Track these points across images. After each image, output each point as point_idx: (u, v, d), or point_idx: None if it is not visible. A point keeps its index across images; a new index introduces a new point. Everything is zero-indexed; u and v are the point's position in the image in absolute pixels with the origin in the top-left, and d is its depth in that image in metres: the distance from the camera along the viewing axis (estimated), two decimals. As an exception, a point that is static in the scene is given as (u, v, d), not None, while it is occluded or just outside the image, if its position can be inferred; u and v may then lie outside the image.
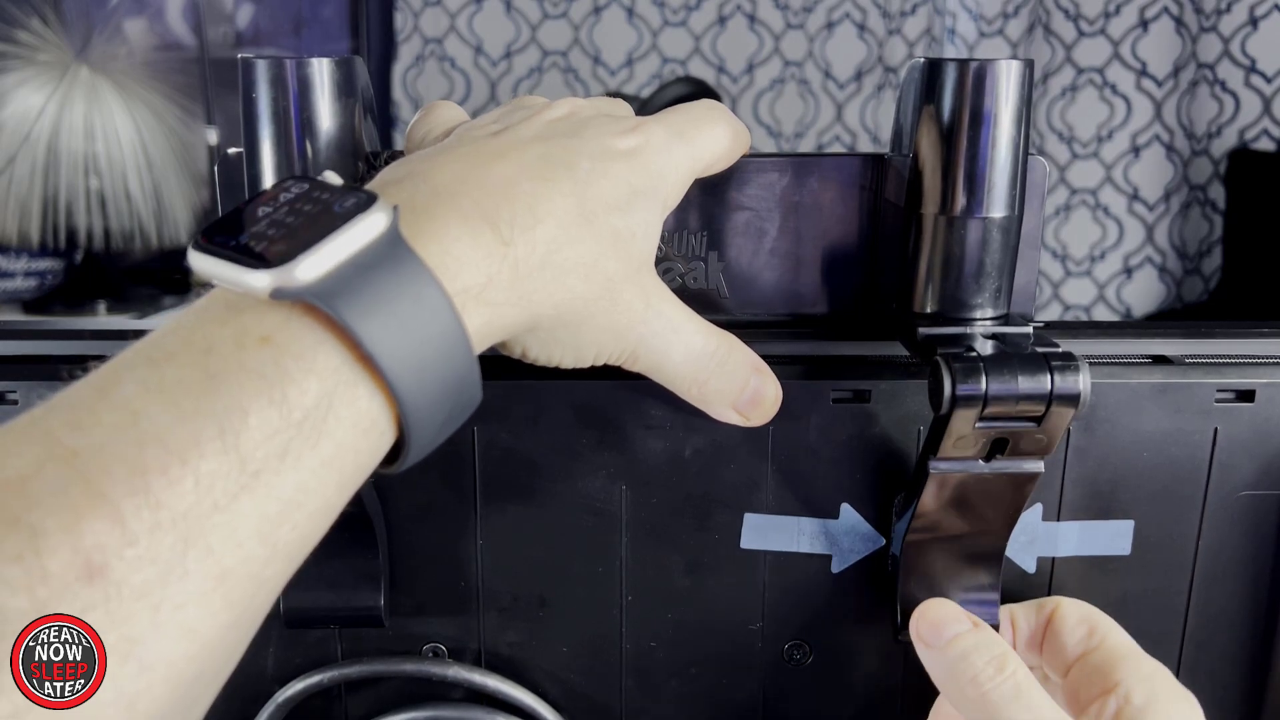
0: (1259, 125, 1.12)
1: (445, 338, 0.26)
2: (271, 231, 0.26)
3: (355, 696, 0.43)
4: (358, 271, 0.25)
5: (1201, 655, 0.42)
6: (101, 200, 1.14)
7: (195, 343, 0.24)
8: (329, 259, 0.25)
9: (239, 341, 0.24)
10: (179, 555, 0.22)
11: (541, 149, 0.31)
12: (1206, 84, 1.14)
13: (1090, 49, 1.17)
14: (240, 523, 0.23)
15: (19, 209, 1.11)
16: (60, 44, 1.13)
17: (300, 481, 0.24)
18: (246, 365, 0.24)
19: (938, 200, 0.36)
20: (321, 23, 1.30)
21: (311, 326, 0.25)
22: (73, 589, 0.21)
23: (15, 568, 0.20)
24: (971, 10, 1.18)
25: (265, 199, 0.27)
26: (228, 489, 0.23)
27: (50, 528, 0.21)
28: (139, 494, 0.22)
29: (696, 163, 0.35)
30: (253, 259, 0.25)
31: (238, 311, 0.25)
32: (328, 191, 0.27)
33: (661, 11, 1.29)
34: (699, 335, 0.35)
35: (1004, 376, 0.33)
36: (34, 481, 0.21)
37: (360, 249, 0.26)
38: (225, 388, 0.23)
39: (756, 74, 1.29)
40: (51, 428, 0.22)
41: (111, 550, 0.21)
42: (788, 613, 0.42)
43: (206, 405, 0.23)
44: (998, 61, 0.35)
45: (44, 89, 1.12)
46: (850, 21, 1.26)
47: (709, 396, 0.36)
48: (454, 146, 0.32)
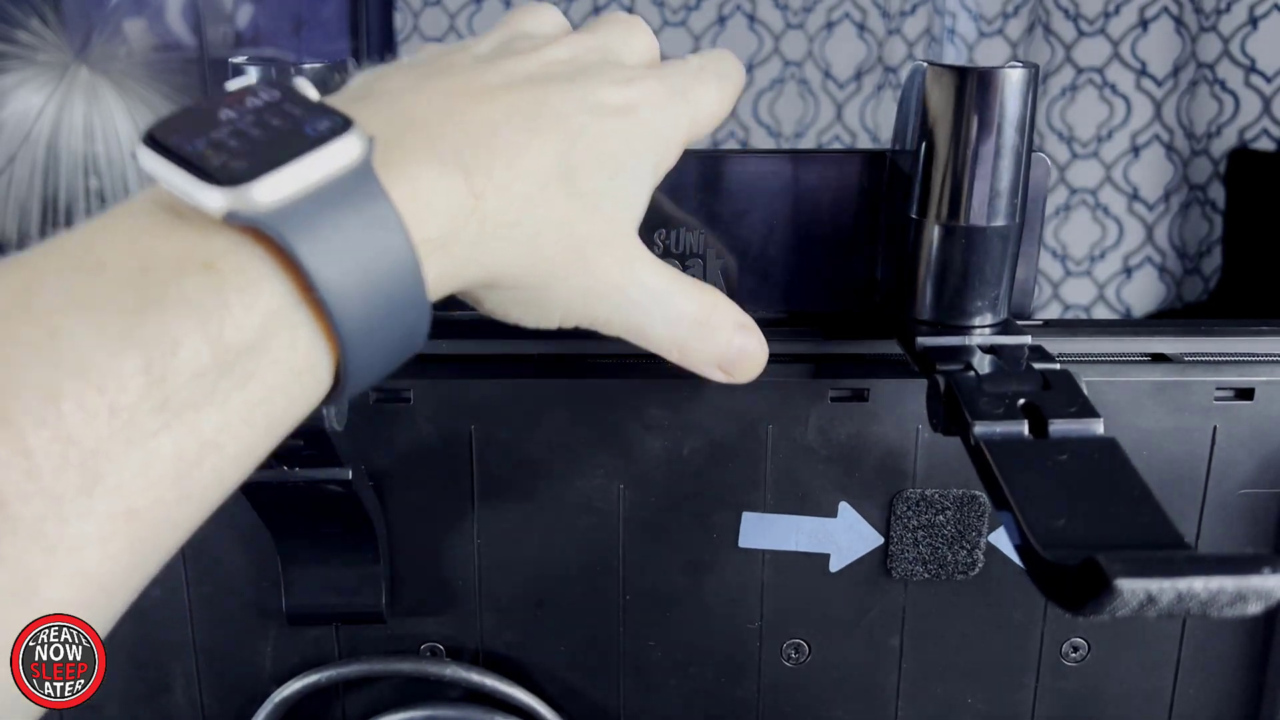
0: (1259, 125, 1.12)
1: (402, 288, 0.24)
2: (233, 143, 0.23)
3: (353, 696, 0.43)
4: (320, 203, 0.23)
5: (1200, 653, 0.42)
6: (101, 200, 1.14)
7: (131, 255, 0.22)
8: (291, 184, 0.23)
9: (179, 265, 0.22)
10: (84, 494, 0.20)
11: (532, 94, 0.29)
12: (1206, 84, 1.14)
13: (1090, 49, 1.17)
14: (155, 462, 0.21)
15: (19, 209, 1.11)
16: (60, 44, 1.13)
17: (224, 422, 0.22)
18: (185, 293, 0.22)
19: (938, 208, 0.36)
20: (321, 23, 1.30)
21: (260, 257, 0.23)
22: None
23: None
24: (971, 10, 1.18)
25: (230, 101, 0.25)
26: (146, 426, 0.21)
27: None
28: (48, 425, 0.20)
29: (695, 125, 0.33)
30: (209, 172, 0.22)
31: (182, 223, 0.23)
32: (300, 106, 0.24)
33: (661, 11, 1.29)
34: (681, 298, 0.33)
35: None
36: None
37: (327, 178, 0.23)
38: (157, 314, 0.21)
39: (756, 74, 1.29)
40: None
41: (12, 483, 0.20)
42: (786, 612, 0.42)
43: (135, 331, 0.21)
44: (1002, 69, 0.34)
45: (44, 89, 1.12)
46: (850, 21, 1.26)
47: (691, 359, 0.34)
48: (439, 72, 0.29)
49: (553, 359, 0.40)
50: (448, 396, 0.39)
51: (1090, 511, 0.28)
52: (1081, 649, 0.42)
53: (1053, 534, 0.27)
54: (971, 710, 0.43)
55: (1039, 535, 0.27)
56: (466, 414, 0.39)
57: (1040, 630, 0.42)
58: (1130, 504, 0.29)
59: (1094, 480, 0.29)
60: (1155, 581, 0.24)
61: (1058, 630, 0.42)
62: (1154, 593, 0.24)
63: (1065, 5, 1.17)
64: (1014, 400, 0.32)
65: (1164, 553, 0.26)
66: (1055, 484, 0.29)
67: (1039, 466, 0.30)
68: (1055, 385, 0.33)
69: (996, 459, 0.30)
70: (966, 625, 0.42)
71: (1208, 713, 0.43)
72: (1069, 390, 0.33)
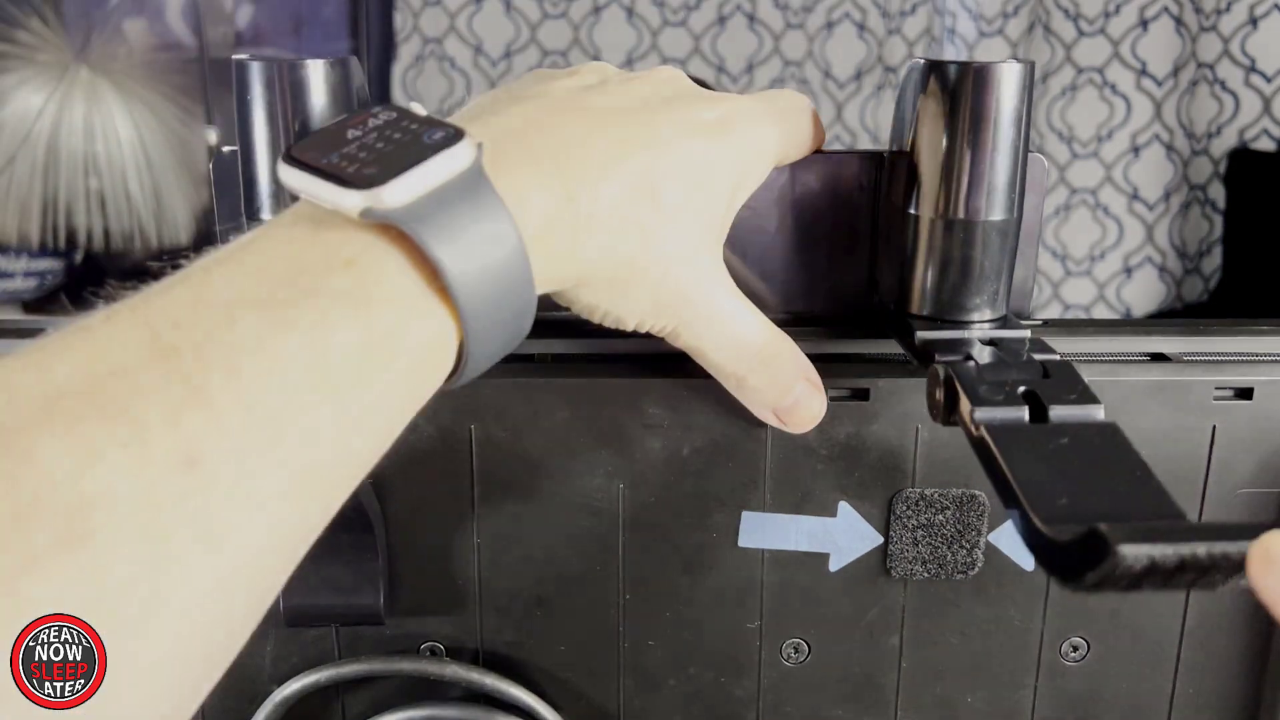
0: (1259, 125, 1.12)
1: (514, 275, 0.27)
2: (362, 155, 0.27)
3: (353, 695, 0.43)
4: (442, 201, 0.26)
5: (1200, 653, 0.42)
6: (101, 200, 1.14)
7: (285, 259, 0.26)
8: (417, 186, 0.26)
9: (327, 264, 0.25)
10: (266, 454, 0.23)
11: (626, 112, 0.31)
12: (1206, 84, 1.14)
13: (1090, 49, 1.17)
14: (322, 427, 0.24)
15: (19, 209, 1.11)
16: (60, 44, 1.13)
17: (375, 396, 0.26)
18: (334, 287, 0.25)
19: (936, 203, 0.36)
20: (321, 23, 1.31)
21: (393, 253, 0.26)
22: (171, 476, 0.22)
23: (122, 453, 0.22)
24: (971, 10, 1.18)
25: (354, 123, 0.28)
26: (312, 398, 0.24)
27: (153, 419, 0.22)
28: (234, 394, 0.23)
29: (784, 145, 0.35)
30: (344, 179, 0.26)
31: (325, 229, 0.26)
32: (416, 122, 0.28)
33: (661, 11, 1.29)
34: (750, 329, 0.34)
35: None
36: (138, 374, 0.23)
37: (446, 180, 0.27)
38: (314, 305, 0.25)
39: (756, 74, 1.29)
40: (151, 322, 0.24)
41: (208, 443, 0.22)
42: (785, 611, 0.42)
43: (297, 321, 0.24)
44: (999, 64, 0.35)
45: (44, 89, 1.12)
46: (850, 21, 1.26)
47: (748, 394, 0.35)
48: (539, 94, 0.32)
49: (553, 359, 0.40)
50: (448, 396, 0.39)
51: (1092, 490, 0.29)
52: (1081, 649, 0.42)
53: (1055, 511, 0.27)
54: (971, 710, 0.43)
55: (1041, 513, 0.27)
56: (466, 413, 0.39)
57: (1040, 630, 0.42)
58: (1132, 482, 0.29)
59: (1095, 461, 0.30)
60: (1158, 547, 0.24)
61: (1058, 630, 0.42)
62: (1156, 559, 0.24)
63: (1065, 5, 1.17)
64: (1014, 387, 0.32)
65: (1166, 521, 0.26)
66: (1057, 466, 0.29)
67: (1040, 450, 0.30)
68: (1055, 374, 0.33)
69: (998, 443, 0.30)
70: (966, 625, 0.42)
71: (1208, 713, 0.43)
72: (1069, 378, 0.33)
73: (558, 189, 0.29)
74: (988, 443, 0.30)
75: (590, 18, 1.29)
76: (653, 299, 0.32)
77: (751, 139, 0.34)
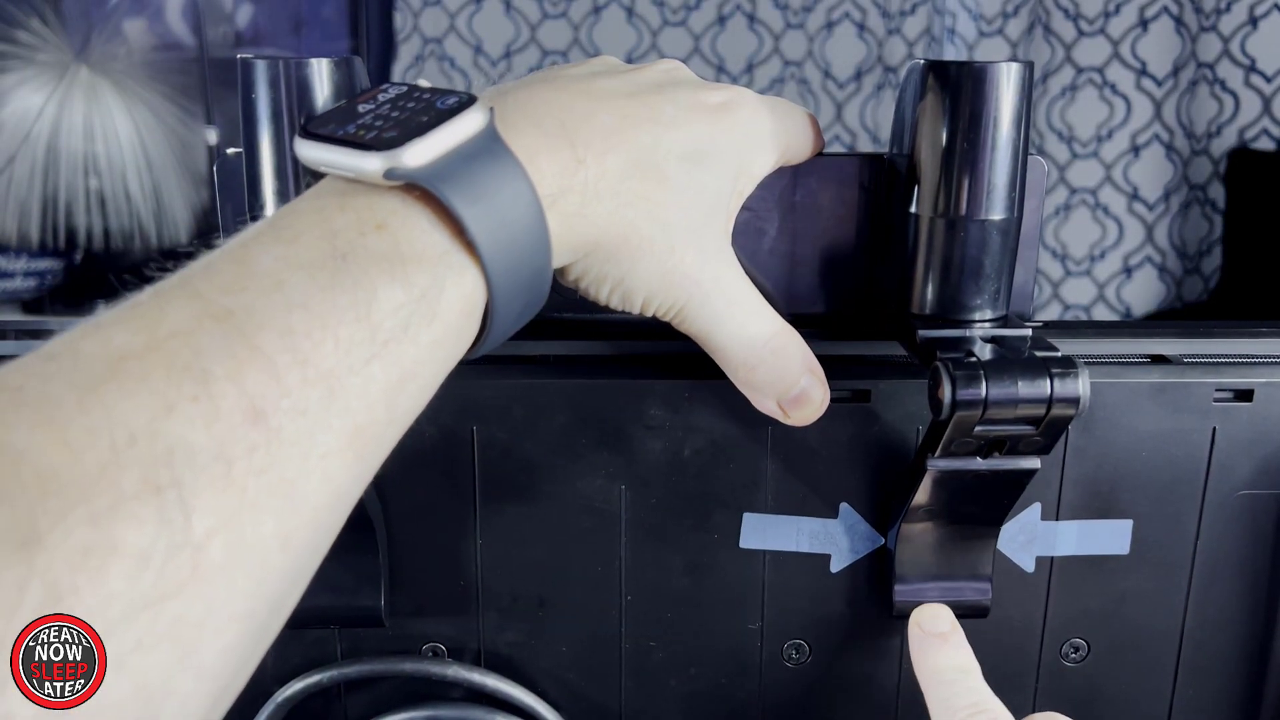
0: (1259, 125, 1.12)
1: (533, 233, 0.28)
2: (378, 124, 0.28)
3: (354, 696, 0.43)
4: (461, 161, 0.27)
5: (1200, 654, 0.42)
6: (101, 200, 1.13)
7: (320, 226, 0.26)
8: (436, 146, 0.27)
9: (359, 228, 0.26)
10: (324, 409, 0.24)
11: (632, 93, 0.32)
12: (1206, 84, 1.14)
13: (1090, 49, 1.17)
14: (371, 386, 0.25)
15: (19, 209, 1.11)
16: (60, 44, 1.13)
17: (417, 354, 0.26)
18: (370, 248, 0.26)
19: (937, 202, 0.36)
20: (321, 23, 1.30)
21: (421, 212, 0.27)
22: (240, 429, 0.23)
23: (193, 407, 0.22)
24: (971, 10, 1.18)
25: (364, 98, 0.29)
26: (361, 355, 0.25)
27: (218, 374, 0.23)
28: (289, 351, 0.24)
29: (783, 140, 0.35)
30: (364, 144, 0.27)
31: (351, 197, 0.27)
32: (428, 92, 0.29)
33: (661, 11, 1.29)
34: (757, 318, 0.34)
35: (1004, 382, 0.33)
36: (198, 335, 0.23)
37: (463, 140, 0.27)
38: (354, 266, 0.25)
39: (756, 73, 1.29)
40: (201, 290, 0.24)
41: (270, 399, 0.23)
42: (786, 612, 0.42)
43: (340, 280, 0.25)
44: (998, 64, 0.35)
45: (44, 89, 1.11)
46: (850, 21, 1.26)
47: (755, 384, 0.35)
48: (548, 79, 0.33)
49: (555, 360, 0.40)
50: (449, 397, 0.39)
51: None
52: (1081, 649, 0.42)
53: None
54: (972, 710, 0.43)
55: None
56: (468, 414, 0.39)
57: (1040, 630, 0.42)
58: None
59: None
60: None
61: (1058, 630, 0.42)
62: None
63: (1065, 5, 1.17)
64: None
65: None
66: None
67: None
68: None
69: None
70: (967, 625, 0.42)
71: (1208, 713, 0.43)
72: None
73: (566, 154, 0.30)
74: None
75: (590, 18, 1.29)
76: (660, 273, 0.32)
77: (753, 124, 0.34)
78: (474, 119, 0.28)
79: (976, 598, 0.40)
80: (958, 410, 0.33)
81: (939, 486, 0.37)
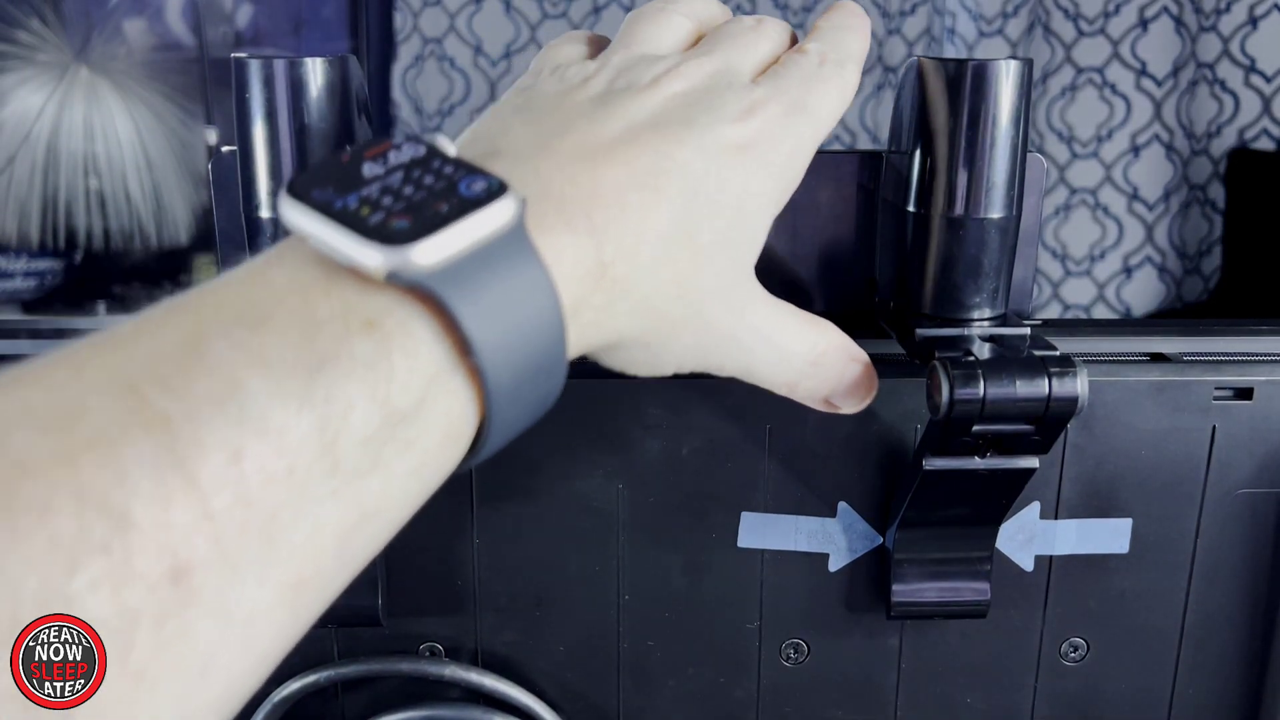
0: (1259, 125, 1.11)
1: (550, 352, 0.24)
2: (387, 200, 0.23)
3: (352, 696, 0.43)
4: (479, 265, 0.23)
5: (1200, 653, 0.42)
6: (101, 200, 1.14)
7: (297, 311, 0.22)
8: (453, 244, 0.22)
9: (344, 322, 0.21)
10: (260, 561, 0.20)
11: (654, 147, 0.28)
12: (1206, 84, 1.14)
13: (1090, 49, 1.17)
14: (322, 529, 0.21)
15: (19, 209, 1.11)
16: (60, 44, 1.13)
17: (385, 489, 0.22)
18: (355, 352, 0.21)
19: (935, 200, 0.36)
20: (321, 23, 1.30)
21: (419, 316, 0.22)
22: (157, 594, 0.19)
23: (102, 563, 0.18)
24: (971, 10, 1.18)
25: (372, 153, 0.24)
26: (317, 492, 0.21)
27: (141, 519, 0.19)
28: (232, 485, 0.19)
29: (817, 134, 0.32)
30: (367, 231, 0.22)
31: (339, 277, 0.22)
32: (449, 165, 0.24)
33: (661, 11, 1.28)
34: (792, 340, 0.32)
35: (1002, 381, 0.33)
36: (124, 449, 0.19)
37: (484, 239, 0.23)
38: (330, 375, 0.21)
39: (756, 74, 1.29)
40: (136, 381, 0.20)
41: (197, 552, 0.19)
42: (785, 611, 0.41)
43: (311, 395, 0.20)
44: (996, 61, 0.35)
45: (44, 89, 1.12)
46: (850, 21, 1.26)
47: (801, 395, 0.33)
48: (561, 125, 0.28)
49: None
50: None
51: None
52: (1081, 649, 0.42)
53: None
54: (971, 710, 0.43)
55: None
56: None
57: (1040, 630, 0.42)
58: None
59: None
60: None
61: (1058, 630, 0.42)
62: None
63: (1065, 5, 1.17)
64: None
65: None
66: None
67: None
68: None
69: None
70: (966, 625, 0.42)
71: (1208, 713, 0.43)
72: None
73: (592, 255, 0.26)
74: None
75: (590, 18, 1.29)
76: (692, 345, 0.30)
77: (781, 153, 0.30)
78: (503, 212, 0.23)
79: (975, 597, 0.40)
80: (956, 409, 0.33)
81: (937, 485, 0.37)
